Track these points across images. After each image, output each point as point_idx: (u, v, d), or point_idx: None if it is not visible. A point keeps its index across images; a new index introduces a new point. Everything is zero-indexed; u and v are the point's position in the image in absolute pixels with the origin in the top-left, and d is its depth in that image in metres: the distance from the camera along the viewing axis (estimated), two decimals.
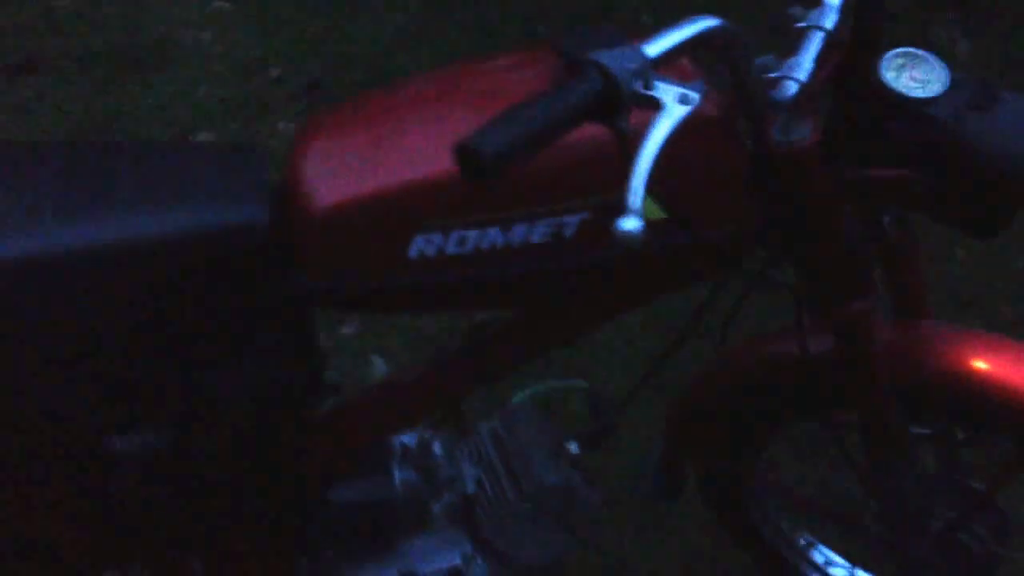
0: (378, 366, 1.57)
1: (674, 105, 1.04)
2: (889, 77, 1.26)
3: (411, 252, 1.26)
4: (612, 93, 1.01)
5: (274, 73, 3.43)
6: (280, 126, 3.15)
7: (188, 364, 1.33)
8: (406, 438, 1.61)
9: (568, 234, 1.27)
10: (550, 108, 1.00)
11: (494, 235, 1.26)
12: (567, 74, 1.05)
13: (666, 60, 1.06)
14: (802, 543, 1.98)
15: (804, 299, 1.44)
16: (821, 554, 2.00)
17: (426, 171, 1.25)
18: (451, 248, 1.26)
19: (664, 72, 1.08)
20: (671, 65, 1.09)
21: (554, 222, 1.26)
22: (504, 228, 1.26)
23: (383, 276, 1.27)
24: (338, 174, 1.28)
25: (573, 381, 1.72)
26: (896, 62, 1.28)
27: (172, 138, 3.13)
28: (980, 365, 1.50)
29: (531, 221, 1.26)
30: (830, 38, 1.30)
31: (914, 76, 1.27)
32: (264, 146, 1.41)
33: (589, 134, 1.09)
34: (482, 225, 1.25)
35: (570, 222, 1.27)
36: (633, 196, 0.99)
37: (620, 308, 1.46)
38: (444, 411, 1.62)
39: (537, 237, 1.27)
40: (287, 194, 1.30)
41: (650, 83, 1.04)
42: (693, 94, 1.05)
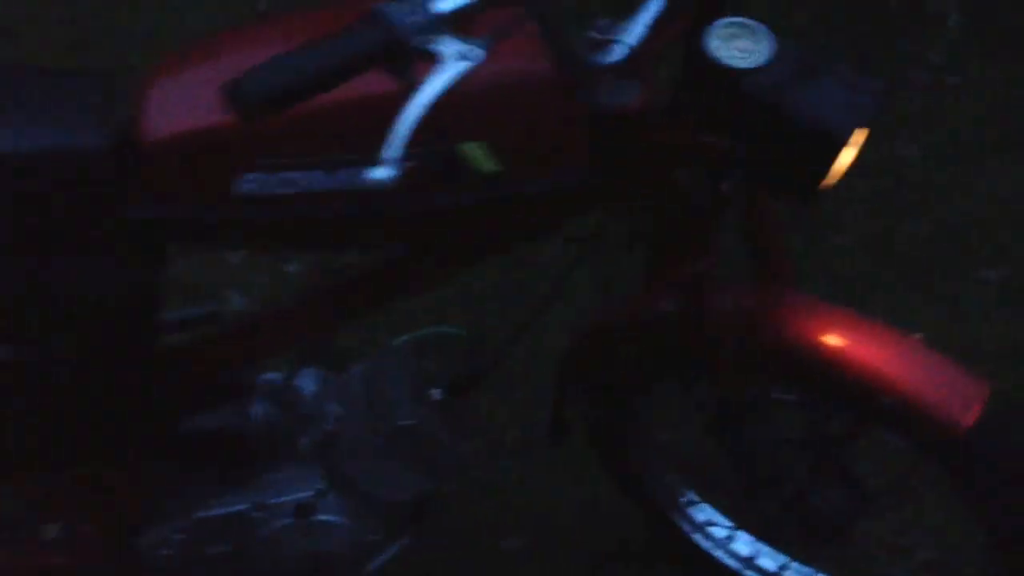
0: (235, 301, 1.62)
1: (453, 60, 1.07)
2: (714, 46, 1.28)
3: (239, 188, 1.30)
4: (391, 44, 1.04)
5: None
6: None
7: (34, 283, 1.38)
8: (272, 375, 1.66)
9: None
10: (324, 54, 1.03)
11: (320, 178, 1.29)
12: (356, 23, 1.08)
13: (457, 15, 1.09)
14: (683, 500, 2.02)
15: (648, 257, 1.47)
16: (703, 513, 2.03)
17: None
18: (278, 188, 1.29)
19: (484, 27, 1.11)
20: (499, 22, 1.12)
21: None
22: (328, 171, 1.29)
23: (212, 210, 1.32)
24: (174, 107, 1.32)
25: (451, 328, 1.75)
26: (725, 31, 1.30)
27: None
28: (827, 337, 1.54)
29: (355, 166, 1.29)
30: (673, 4, 1.32)
31: (740, 46, 1.29)
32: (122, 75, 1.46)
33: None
34: (308, 167, 1.29)
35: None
36: (389, 146, 1.02)
37: (473, 257, 1.49)
38: (313, 349, 1.67)
39: (360, 182, 1.30)
40: (130, 124, 1.34)
41: (433, 37, 1.07)
42: (477, 50, 1.07)
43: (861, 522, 1.74)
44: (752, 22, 1.30)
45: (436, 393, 1.69)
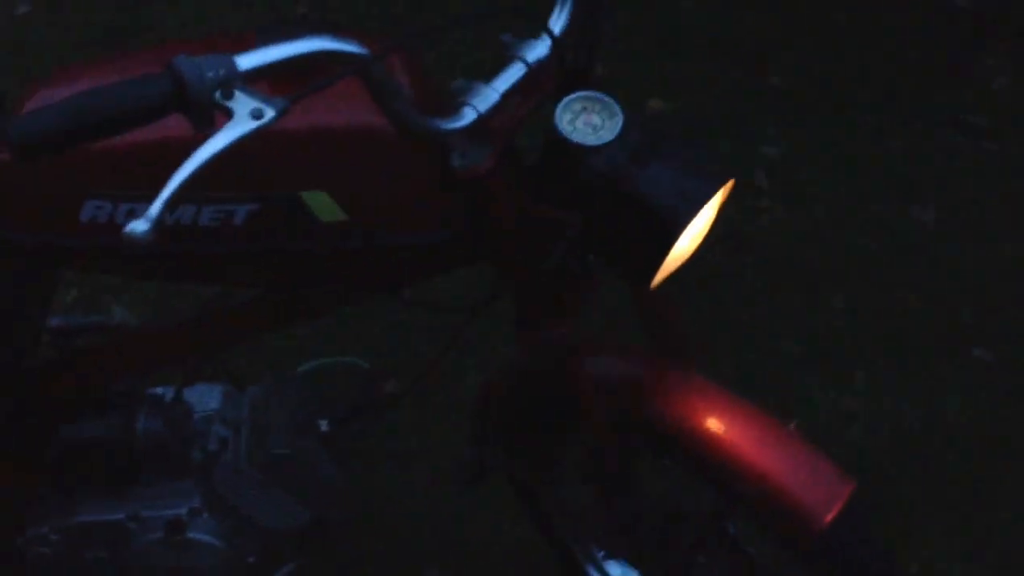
0: (119, 315, 1.66)
1: (244, 118, 1.07)
2: (564, 119, 1.27)
3: (82, 216, 1.32)
4: (181, 97, 1.05)
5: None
6: None
7: None
8: (162, 389, 1.69)
9: (238, 221, 1.32)
10: (105, 101, 1.05)
11: None
12: (155, 72, 1.09)
13: (260, 74, 1.09)
14: (595, 553, 2.00)
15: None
16: (616, 568, 2.01)
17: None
18: (120, 218, 1.31)
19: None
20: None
21: (223, 208, 1.31)
22: (170, 209, 1.30)
23: (57, 235, 1.34)
24: None
25: (354, 360, 1.76)
26: (576, 105, 1.28)
27: None
28: (699, 416, 1.51)
29: (199, 204, 1.31)
30: (532, 72, 1.30)
31: (589, 121, 1.27)
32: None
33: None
34: (149, 199, 1.30)
35: (239, 210, 1.31)
36: (156, 202, 1.03)
37: (336, 300, 1.50)
38: (216, 366, 1.70)
39: (206, 220, 1.32)
40: None
41: (231, 92, 1.07)
42: (270, 110, 1.08)
43: None
44: (607, 98, 1.28)
45: (323, 424, 1.70)
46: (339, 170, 1.31)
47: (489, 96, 1.28)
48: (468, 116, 1.26)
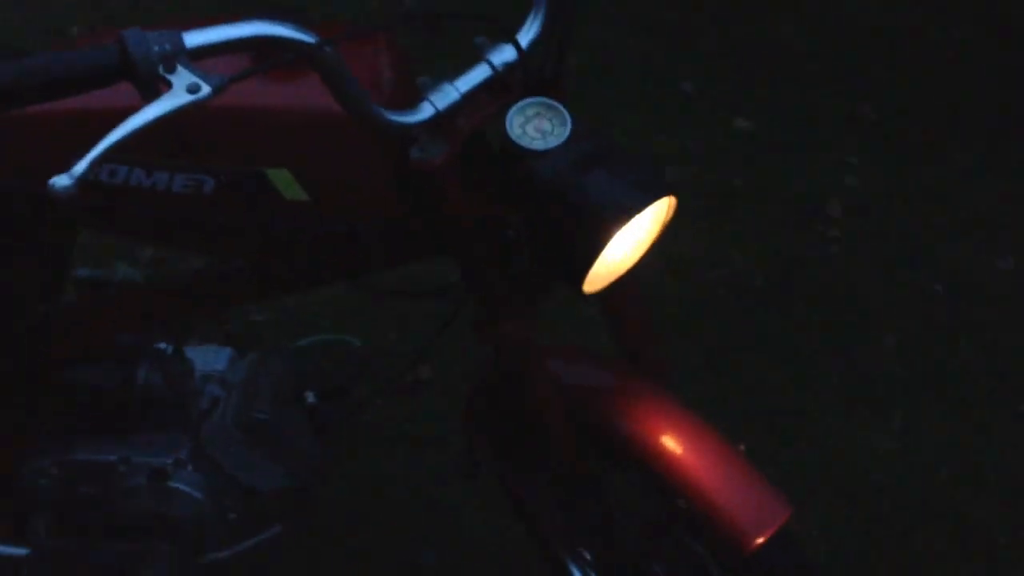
0: (122, 271, 1.73)
1: (180, 91, 1.14)
2: (515, 123, 1.30)
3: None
4: (123, 67, 1.13)
5: None
6: None
7: None
8: (164, 344, 1.78)
9: (207, 191, 1.39)
10: (52, 67, 1.13)
11: (139, 175, 1.40)
12: (103, 43, 1.16)
13: (206, 53, 1.16)
14: (581, 554, 2.02)
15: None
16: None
17: (87, 101, 1.38)
18: (103, 176, 1.40)
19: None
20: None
21: (194, 177, 1.39)
22: (147, 172, 1.39)
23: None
24: None
25: (350, 338, 1.83)
26: (530, 110, 1.31)
27: None
28: (648, 430, 1.52)
29: (172, 171, 1.39)
30: (499, 76, 1.34)
31: (540, 127, 1.30)
32: None
33: (235, 103, 1.20)
34: (129, 163, 1.39)
35: (208, 181, 1.39)
36: (83, 161, 1.10)
37: (298, 281, 1.56)
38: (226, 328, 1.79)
39: (178, 187, 1.40)
40: None
41: (173, 66, 1.14)
42: (206, 87, 1.14)
43: None
44: (558, 105, 1.31)
45: (310, 397, 1.77)
46: (301, 150, 1.37)
47: (449, 94, 1.32)
48: (424, 112, 1.31)
